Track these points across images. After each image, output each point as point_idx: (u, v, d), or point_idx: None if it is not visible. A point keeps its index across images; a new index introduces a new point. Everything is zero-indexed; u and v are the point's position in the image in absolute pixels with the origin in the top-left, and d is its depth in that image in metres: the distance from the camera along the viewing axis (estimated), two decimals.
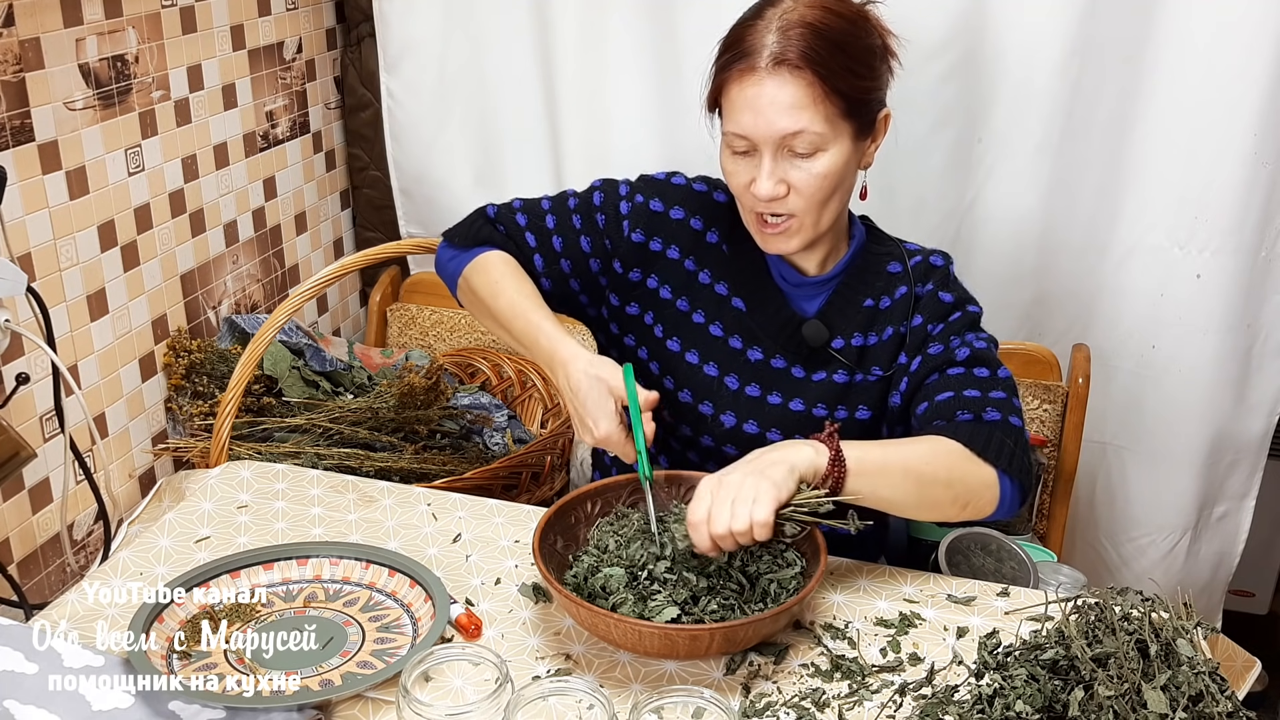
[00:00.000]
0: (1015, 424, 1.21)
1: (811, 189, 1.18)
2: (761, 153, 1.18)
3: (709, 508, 1.06)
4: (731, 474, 1.09)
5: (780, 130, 1.16)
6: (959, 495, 1.17)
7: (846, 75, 1.16)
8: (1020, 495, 1.21)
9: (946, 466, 1.16)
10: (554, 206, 1.36)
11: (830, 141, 1.17)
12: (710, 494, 1.07)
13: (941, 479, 1.16)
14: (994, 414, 1.20)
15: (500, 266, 1.31)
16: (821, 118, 1.16)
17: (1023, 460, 1.20)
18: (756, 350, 1.31)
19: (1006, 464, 1.18)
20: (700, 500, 1.07)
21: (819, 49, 1.14)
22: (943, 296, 1.28)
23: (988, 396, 1.21)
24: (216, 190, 1.79)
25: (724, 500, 1.06)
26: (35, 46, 1.40)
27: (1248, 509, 1.88)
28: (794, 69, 1.14)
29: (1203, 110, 1.62)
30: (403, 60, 1.98)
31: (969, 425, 1.19)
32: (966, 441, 1.17)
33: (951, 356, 1.25)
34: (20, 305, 1.37)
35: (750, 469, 1.09)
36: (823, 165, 1.18)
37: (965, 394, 1.21)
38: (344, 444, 1.64)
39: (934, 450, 1.17)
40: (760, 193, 1.18)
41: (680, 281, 1.32)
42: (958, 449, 1.17)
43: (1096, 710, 0.89)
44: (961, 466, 1.17)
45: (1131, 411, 1.84)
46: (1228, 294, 1.71)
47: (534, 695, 0.98)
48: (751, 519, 1.04)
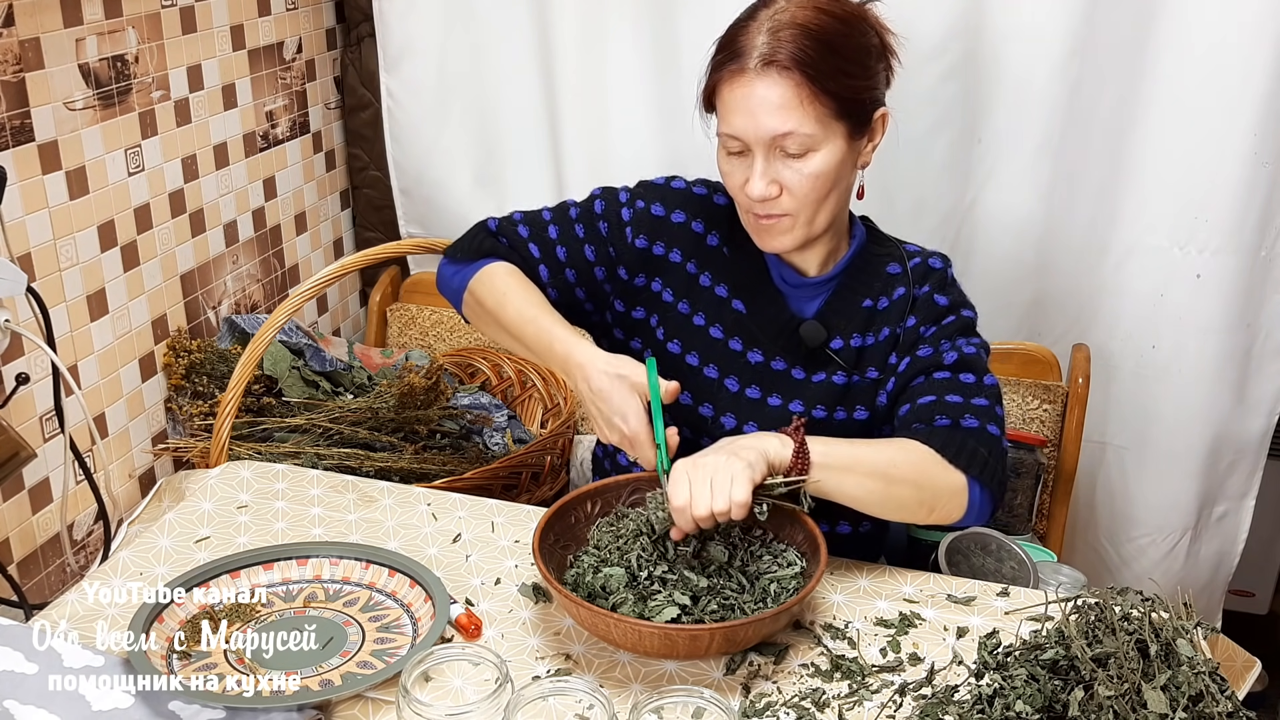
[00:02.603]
0: (993, 432, 1.21)
1: (804, 189, 1.18)
2: (754, 153, 1.18)
3: (689, 490, 1.07)
4: (705, 456, 1.11)
5: (770, 131, 1.16)
6: (926, 499, 1.17)
7: (838, 76, 1.16)
8: (991, 503, 1.21)
9: (915, 470, 1.17)
10: (555, 217, 1.35)
11: (822, 142, 1.17)
12: (688, 476, 1.08)
13: (909, 481, 1.17)
14: (971, 421, 1.20)
15: (506, 277, 1.30)
16: (812, 118, 1.15)
17: (995, 468, 1.20)
18: (756, 352, 1.31)
19: (978, 471, 1.18)
20: (679, 484, 1.08)
21: (809, 50, 1.14)
22: (938, 299, 1.28)
23: (969, 403, 1.21)
24: (216, 190, 1.79)
25: (702, 481, 1.07)
26: (35, 46, 1.40)
27: (1248, 509, 1.89)
28: (782, 70, 1.14)
29: (1203, 110, 1.62)
30: (403, 60, 1.98)
31: (944, 431, 1.19)
32: (939, 447, 1.18)
33: (939, 360, 1.25)
34: (20, 305, 1.37)
35: (724, 451, 1.11)
36: (814, 165, 1.18)
37: (947, 399, 1.22)
38: (344, 444, 1.64)
39: (904, 453, 1.18)
40: (752, 193, 1.19)
41: (682, 285, 1.32)
42: (929, 454, 1.17)
43: (1096, 710, 0.89)
44: (930, 471, 1.17)
45: (1131, 411, 1.84)
46: (1228, 294, 1.71)
47: (534, 695, 0.98)
48: (730, 499, 1.06)
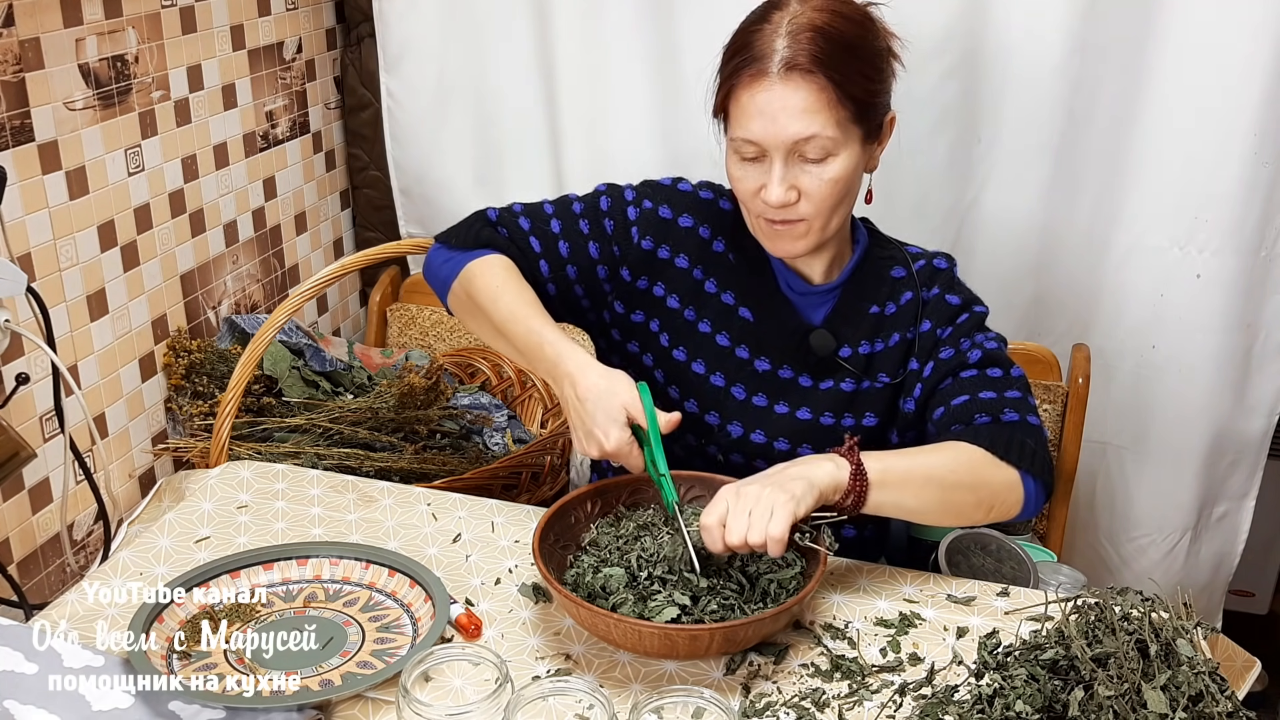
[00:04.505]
0: (1033, 422, 1.21)
1: (822, 194, 1.17)
2: (772, 158, 1.16)
3: (724, 516, 1.06)
4: (751, 485, 1.08)
5: (793, 135, 1.14)
6: (984, 499, 1.16)
7: (859, 79, 1.15)
8: (1045, 493, 1.20)
9: (969, 472, 1.16)
10: (558, 211, 1.32)
11: (841, 146, 1.16)
12: (727, 502, 1.06)
13: (965, 484, 1.15)
14: (1012, 414, 1.19)
15: (501, 271, 1.26)
16: (833, 122, 1.14)
17: (1043, 458, 1.19)
18: (764, 360, 1.30)
19: (1029, 464, 1.17)
20: (716, 505, 1.07)
21: (830, 53, 1.13)
22: (949, 299, 1.28)
23: (1004, 397, 1.21)
24: (216, 190, 1.79)
25: (741, 511, 1.05)
26: (35, 46, 1.40)
27: (1248, 509, 1.88)
28: (806, 74, 1.13)
29: (1203, 110, 1.62)
30: (403, 60, 1.98)
31: (988, 428, 1.18)
32: (987, 445, 1.16)
33: (964, 359, 1.24)
34: (20, 305, 1.37)
35: (770, 481, 1.08)
36: (834, 170, 1.17)
37: (981, 396, 1.21)
38: (344, 444, 1.64)
39: (955, 456, 1.16)
40: (771, 199, 1.17)
41: (687, 290, 1.30)
42: (979, 453, 1.16)
43: (1096, 710, 0.89)
44: (984, 470, 1.16)
45: (1131, 411, 1.84)
46: (1228, 294, 1.71)
47: (534, 695, 0.98)
48: (766, 534, 1.03)
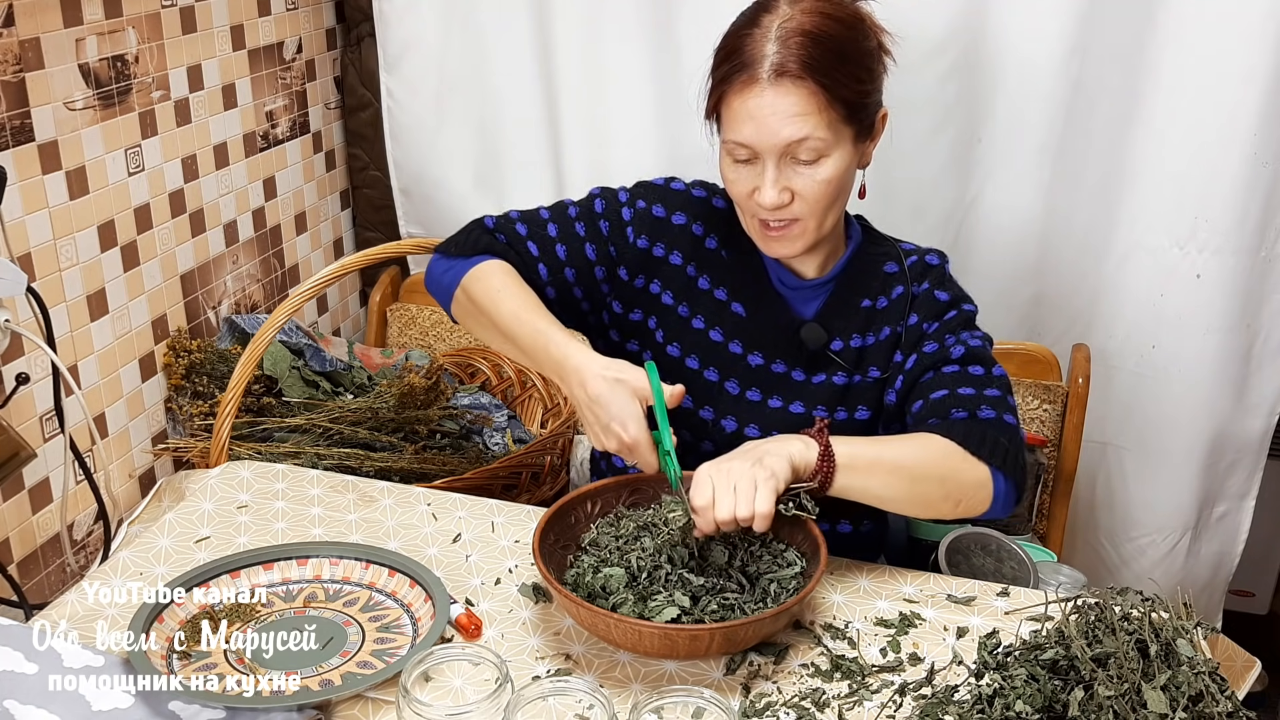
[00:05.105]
0: (1009, 422, 1.21)
1: (816, 195, 1.18)
2: (764, 161, 1.17)
3: (712, 494, 1.07)
4: (731, 461, 1.10)
5: (784, 139, 1.15)
6: (951, 493, 1.17)
7: (849, 82, 1.16)
8: (1015, 493, 1.20)
9: (939, 464, 1.16)
10: (554, 215, 1.33)
11: (833, 147, 1.17)
12: (711, 480, 1.08)
13: (934, 476, 1.16)
14: (988, 412, 1.20)
15: (501, 275, 1.27)
16: (825, 124, 1.15)
17: (1017, 458, 1.19)
18: (757, 355, 1.31)
19: (1000, 461, 1.18)
20: (702, 486, 1.08)
21: (819, 57, 1.14)
22: (938, 295, 1.28)
23: (982, 394, 1.21)
24: (216, 190, 1.79)
25: (726, 488, 1.06)
26: (35, 46, 1.40)
27: (1248, 509, 1.88)
28: (796, 79, 1.14)
29: (1203, 110, 1.62)
30: (403, 60, 1.98)
31: (963, 423, 1.19)
32: (960, 440, 1.17)
33: (946, 354, 1.25)
34: (20, 305, 1.37)
35: (750, 458, 1.10)
36: (826, 171, 1.17)
37: (960, 392, 1.21)
38: (344, 444, 1.64)
39: (927, 448, 1.17)
40: (765, 201, 1.18)
41: (681, 287, 1.32)
42: (951, 447, 1.17)
43: (1096, 710, 0.89)
44: (954, 464, 1.17)
45: (1131, 411, 1.83)
46: (1228, 294, 1.71)
47: (534, 695, 0.98)
48: (754, 508, 1.05)
